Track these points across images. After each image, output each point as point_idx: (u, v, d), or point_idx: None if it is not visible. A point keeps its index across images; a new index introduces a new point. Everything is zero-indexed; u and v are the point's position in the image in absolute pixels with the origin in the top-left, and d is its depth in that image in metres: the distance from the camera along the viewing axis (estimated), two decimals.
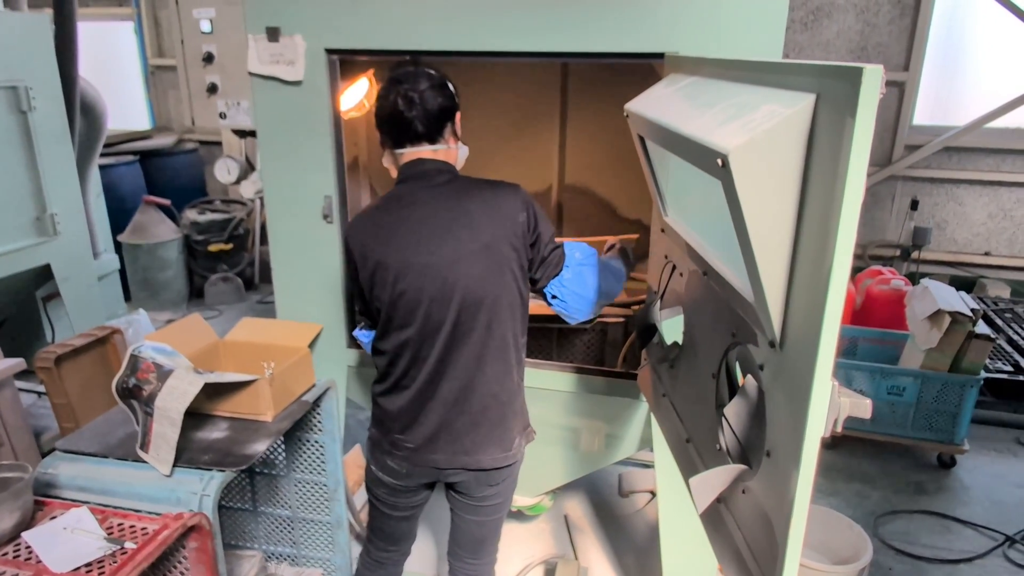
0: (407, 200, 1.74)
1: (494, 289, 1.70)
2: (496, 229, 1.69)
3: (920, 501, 3.31)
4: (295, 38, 2.13)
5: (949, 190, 5.40)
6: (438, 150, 1.77)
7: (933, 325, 3.41)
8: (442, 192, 1.73)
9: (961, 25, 5.23)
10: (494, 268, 1.69)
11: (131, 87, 6.92)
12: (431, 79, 1.73)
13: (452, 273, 1.68)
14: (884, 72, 0.84)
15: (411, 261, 1.69)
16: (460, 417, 1.78)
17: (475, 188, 1.75)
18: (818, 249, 0.94)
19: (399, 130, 1.74)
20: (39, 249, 3.46)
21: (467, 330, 1.72)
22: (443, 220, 1.70)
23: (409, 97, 1.69)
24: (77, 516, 1.67)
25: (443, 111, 1.74)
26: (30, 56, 3.32)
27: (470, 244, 1.68)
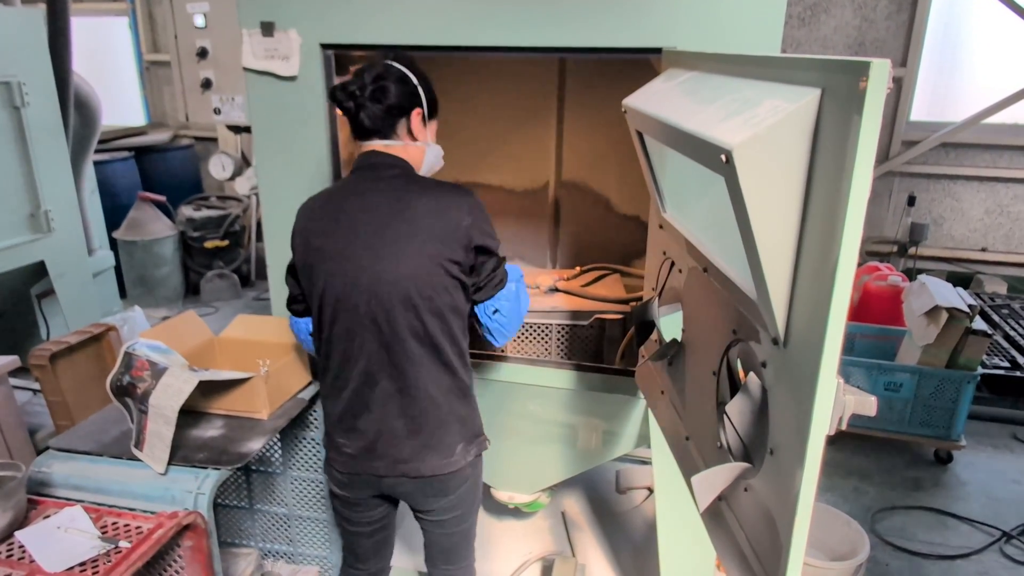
0: (352, 190, 1.69)
1: (429, 291, 1.62)
2: (436, 231, 1.62)
3: (917, 497, 3.32)
4: (289, 33, 2.11)
5: (946, 186, 5.40)
6: (391, 145, 1.71)
7: (930, 321, 3.41)
8: (388, 187, 1.67)
9: (958, 21, 5.22)
10: (430, 270, 1.61)
11: (126, 83, 6.88)
12: (387, 74, 1.67)
13: (387, 270, 1.61)
14: (891, 67, 0.83)
15: (346, 254, 1.63)
16: (397, 422, 1.70)
17: (424, 188, 1.68)
18: (824, 246, 0.93)
19: (352, 123, 1.71)
20: (33, 246, 3.44)
21: (401, 331, 1.64)
22: (383, 216, 1.63)
23: (349, 91, 1.66)
24: (71, 515, 1.65)
25: (392, 108, 1.67)
26: (23, 51, 3.29)
27: (407, 243, 1.61)
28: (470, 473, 1.81)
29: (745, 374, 1.32)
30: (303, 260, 1.70)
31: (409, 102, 1.69)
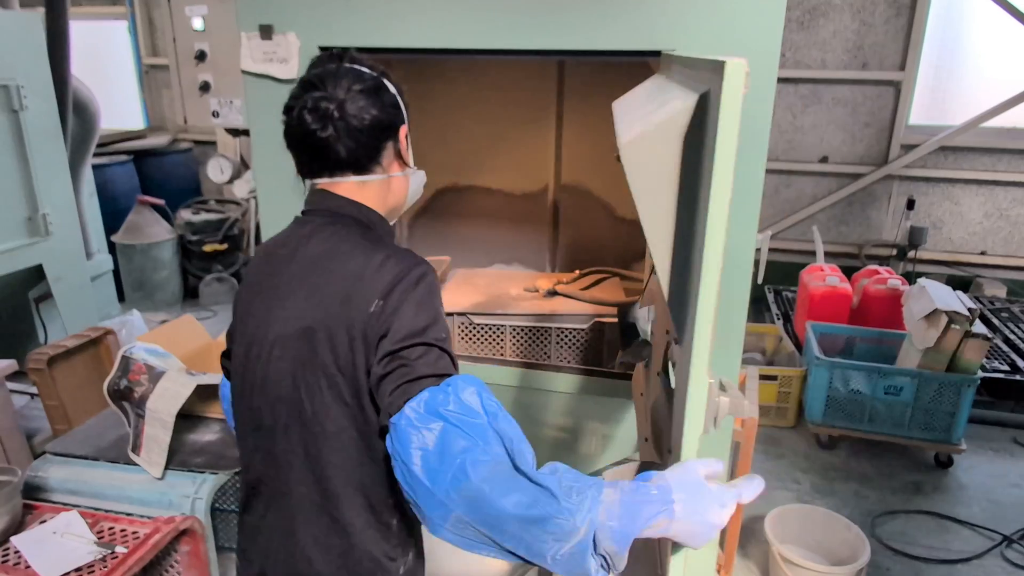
0: (284, 246, 1.26)
1: (310, 400, 1.15)
2: (327, 313, 1.13)
3: (917, 501, 3.31)
4: (288, 36, 2.11)
5: (945, 189, 5.40)
6: (367, 183, 1.26)
7: (930, 325, 3.40)
8: (315, 244, 1.22)
9: (957, 24, 5.23)
10: (307, 369, 1.15)
11: (125, 86, 6.88)
12: (361, 79, 1.23)
13: (267, 362, 1.20)
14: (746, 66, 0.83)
15: (246, 330, 1.26)
16: (290, 546, 1.22)
17: (355, 247, 1.20)
18: (690, 245, 0.94)
19: (312, 155, 1.24)
20: (31, 249, 3.43)
21: (280, 452, 1.21)
22: (291, 282, 1.21)
23: (322, 109, 1.19)
24: (67, 520, 1.65)
25: (378, 127, 1.23)
26: (22, 54, 3.29)
27: (294, 324, 1.17)
28: None
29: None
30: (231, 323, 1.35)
31: (395, 118, 1.27)
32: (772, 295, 5.30)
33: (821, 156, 5.57)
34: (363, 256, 1.17)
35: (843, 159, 5.53)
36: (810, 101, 5.46)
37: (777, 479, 3.45)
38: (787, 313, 4.98)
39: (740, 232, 1.95)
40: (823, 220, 5.60)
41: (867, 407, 3.57)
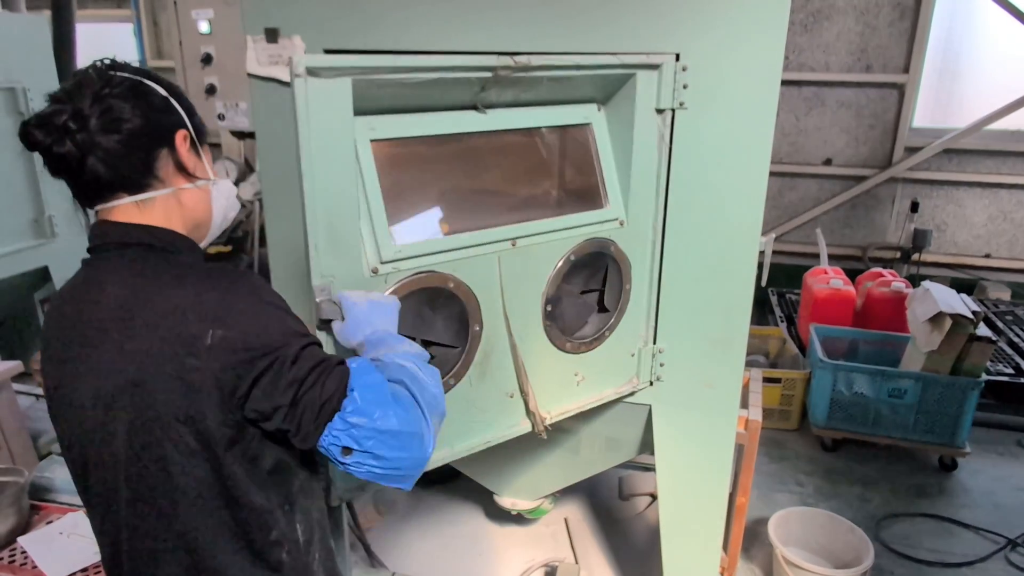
0: (80, 293, 1.09)
1: (155, 466, 1.02)
2: (155, 359, 0.99)
3: (921, 504, 3.30)
4: (294, 39, 2.11)
5: (949, 192, 5.40)
6: (150, 202, 1.09)
7: (934, 328, 3.40)
8: (122, 281, 1.05)
9: (961, 27, 5.23)
10: (143, 428, 1.01)
11: None
12: (110, 83, 1.05)
13: (105, 420, 1.03)
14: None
15: (67, 389, 1.07)
16: None
17: (167, 279, 1.04)
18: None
19: (73, 182, 1.08)
20: (37, 251, 3.45)
21: (139, 525, 1.06)
22: (97, 335, 1.03)
23: (62, 126, 1.00)
24: (74, 521, 1.65)
25: (140, 134, 1.06)
26: (28, 57, 3.31)
27: (119, 375, 1.01)
28: None
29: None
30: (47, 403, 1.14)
31: (163, 121, 1.10)
32: (776, 297, 5.30)
33: (825, 159, 5.56)
34: (176, 287, 1.02)
35: (847, 162, 5.53)
36: (814, 104, 5.46)
37: (781, 482, 3.45)
38: (791, 315, 4.98)
39: (744, 234, 1.96)
40: (827, 222, 5.59)
41: (871, 410, 3.57)
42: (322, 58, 1.44)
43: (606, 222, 1.96)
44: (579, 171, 2.04)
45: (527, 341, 1.85)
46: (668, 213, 1.98)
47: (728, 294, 2.01)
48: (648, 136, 1.95)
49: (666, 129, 1.92)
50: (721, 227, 1.96)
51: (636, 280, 2.07)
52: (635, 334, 2.13)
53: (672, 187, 1.96)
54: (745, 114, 1.86)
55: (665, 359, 2.12)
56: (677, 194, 1.96)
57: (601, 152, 2.01)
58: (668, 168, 1.95)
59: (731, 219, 1.94)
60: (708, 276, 2.00)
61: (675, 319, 2.07)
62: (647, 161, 1.97)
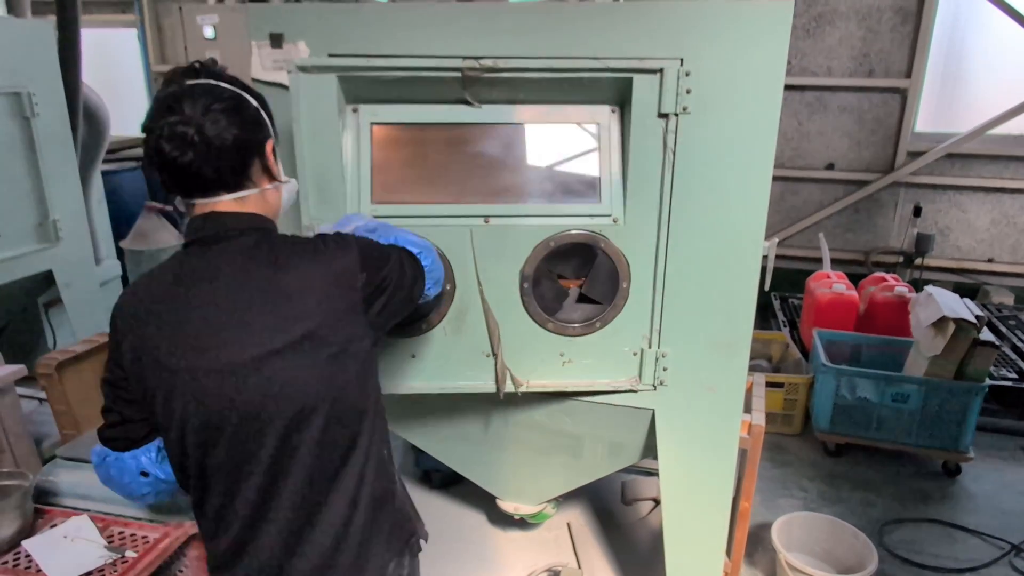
0: (201, 274, 1.24)
1: (328, 391, 1.25)
2: (326, 308, 1.24)
3: (925, 509, 3.29)
4: (299, 44, 2.12)
5: (952, 197, 5.40)
6: (246, 198, 1.28)
7: (937, 332, 3.40)
8: (248, 262, 1.24)
9: (963, 32, 5.24)
10: (325, 363, 1.24)
11: (134, 93, 6.94)
12: (218, 97, 1.22)
13: (269, 377, 1.21)
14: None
15: (205, 367, 1.20)
16: (306, 559, 1.29)
17: (293, 251, 1.27)
18: None
19: (179, 179, 1.23)
20: (41, 255, 3.46)
21: (296, 450, 1.25)
22: (248, 303, 1.21)
23: (180, 133, 1.18)
24: (78, 524, 1.66)
25: (242, 145, 1.24)
26: (33, 62, 3.32)
27: (287, 334, 1.21)
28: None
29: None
30: (140, 381, 1.25)
31: (259, 133, 1.29)
32: (778, 302, 5.30)
33: (827, 163, 5.57)
34: (306, 254, 1.27)
35: (849, 166, 5.53)
36: (816, 108, 5.47)
37: (784, 487, 3.44)
38: (793, 320, 4.98)
39: (747, 239, 1.96)
40: (829, 227, 5.59)
41: (874, 415, 3.56)
42: (311, 59, 1.92)
43: (597, 217, 2.03)
44: (578, 167, 2.10)
45: (505, 311, 2.06)
46: (671, 217, 1.98)
47: (732, 299, 2.01)
48: (649, 139, 1.96)
49: (669, 134, 1.92)
50: (725, 232, 1.96)
51: (636, 280, 2.08)
52: (636, 334, 2.13)
53: (675, 191, 1.96)
54: (748, 119, 1.86)
55: (668, 363, 2.12)
56: (680, 198, 1.96)
57: (607, 152, 2.04)
58: (672, 172, 1.95)
59: (735, 224, 1.95)
60: (712, 280, 2.01)
61: (679, 323, 2.08)
62: (648, 164, 1.98)
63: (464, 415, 2.39)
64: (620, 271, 2.07)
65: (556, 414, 2.34)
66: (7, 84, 3.20)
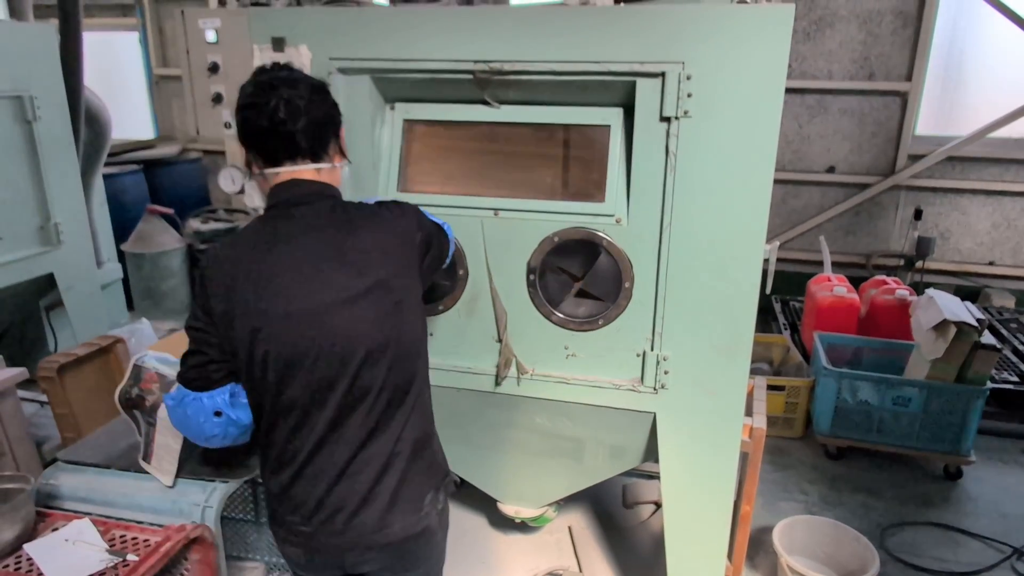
0: (284, 233, 1.44)
1: (394, 333, 1.46)
2: (392, 262, 1.47)
3: (927, 513, 3.29)
4: (300, 48, 2.13)
5: (953, 200, 5.40)
6: (321, 169, 1.50)
7: (939, 335, 3.39)
8: (325, 222, 1.45)
9: (963, 35, 5.24)
10: (392, 309, 1.45)
11: (135, 96, 6.95)
12: (313, 84, 1.49)
13: (342, 321, 1.41)
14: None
15: (290, 311, 1.40)
16: (358, 488, 1.48)
17: (361, 215, 1.50)
18: None
19: (276, 144, 1.45)
20: (42, 258, 3.46)
21: (364, 387, 1.45)
22: (327, 258, 1.42)
23: (294, 104, 1.42)
24: (79, 528, 1.66)
25: (329, 122, 1.51)
26: (35, 66, 3.33)
27: (360, 284, 1.42)
28: (437, 528, 1.63)
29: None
30: (228, 326, 1.43)
31: (338, 116, 1.55)
32: (779, 305, 5.29)
33: (828, 166, 5.57)
34: (374, 215, 1.51)
35: (850, 169, 5.53)
36: (816, 111, 5.47)
37: (785, 490, 3.44)
38: (794, 323, 4.97)
39: (748, 242, 1.96)
40: (830, 230, 5.59)
41: (875, 418, 3.56)
42: (349, 61, 2.11)
43: (600, 216, 2.09)
44: (585, 167, 2.16)
45: (513, 301, 2.20)
46: (673, 219, 1.99)
47: (733, 302, 2.01)
48: (651, 142, 1.96)
49: (671, 137, 1.93)
50: (726, 235, 1.96)
51: (639, 280, 2.09)
52: (639, 334, 2.14)
53: (676, 194, 1.97)
54: (749, 123, 1.87)
55: (670, 366, 2.12)
56: (681, 201, 1.97)
57: (613, 153, 2.07)
58: (674, 175, 1.96)
59: (736, 227, 1.95)
60: (713, 283, 2.01)
61: (680, 325, 2.08)
62: (650, 166, 1.99)
63: (466, 417, 2.40)
64: (623, 270, 2.09)
65: (557, 417, 2.34)
66: (9, 88, 3.20)
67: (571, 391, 2.26)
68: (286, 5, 2.26)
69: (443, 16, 2.06)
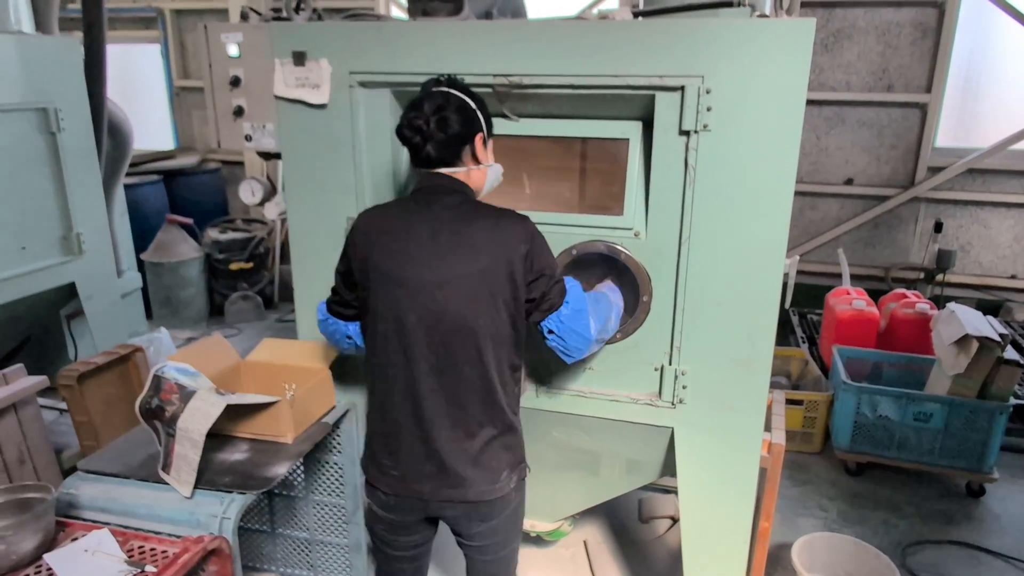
0: (416, 212, 1.73)
1: (485, 315, 1.67)
2: (495, 256, 1.66)
3: (949, 531, 3.23)
4: (321, 62, 2.15)
5: (973, 212, 5.34)
6: (456, 171, 1.75)
7: (960, 350, 3.35)
8: (450, 213, 1.71)
9: (983, 46, 5.20)
10: (486, 295, 1.66)
11: (156, 107, 7.05)
12: (448, 102, 1.70)
13: (443, 293, 1.65)
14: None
15: (406, 277, 1.67)
16: (446, 447, 1.72)
17: (482, 213, 1.72)
18: None
19: (415, 151, 1.74)
20: (64, 268, 3.50)
21: (456, 356, 1.68)
22: (444, 238, 1.68)
23: (416, 126, 1.69)
24: (98, 538, 1.66)
25: (456, 137, 1.71)
26: (60, 78, 3.38)
27: (466, 266, 1.65)
28: (514, 498, 1.83)
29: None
30: (363, 281, 1.74)
31: (471, 128, 1.74)
32: (797, 318, 5.25)
33: (846, 178, 5.53)
34: (492, 216, 1.71)
35: (868, 181, 5.49)
36: (834, 123, 5.44)
37: (804, 506, 3.40)
38: (812, 336, 4.93)
39: (768, 255, 1.95)
40: (848, 242, 5.55)
41: (896, 434, 3.51)
42: (370, 75, 2.14)
43: (618, 230, 2.09)
44: (603, 180, 2.15)
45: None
46: (692, 233, 1.98)
47: (752, 316, 2.00)
48: (670, 156, 1.96)
49: (690, 151, 1.92)
50: (745, 249, 1.95)
51: (657, 294, 2.08)
52: (657, 348, 2.13)
53: (695, 207, 1.96)
54: (769, 137, 1.86)
55: (688, 381, 2.11)
56: (700, 214, 1.96)
57: (632, 166, 2.06)
58: (693, 189, 1.95)
59: (755, 241, 1.94)
60: (732, 297, 2.00)
61: (699, 340, 2.07)
62: (669, 180, 1.98)
63: None
64: (641, 284, 2.08)
65: (574, 430, 2.33)
66: (34, 100, 3.25)
67: (588, 405, 2.25)
68: (307, 20, 2.28)
69: (462, 30, 2.07)
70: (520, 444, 1.86)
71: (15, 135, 3.19)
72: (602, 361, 2.20)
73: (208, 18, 6.59)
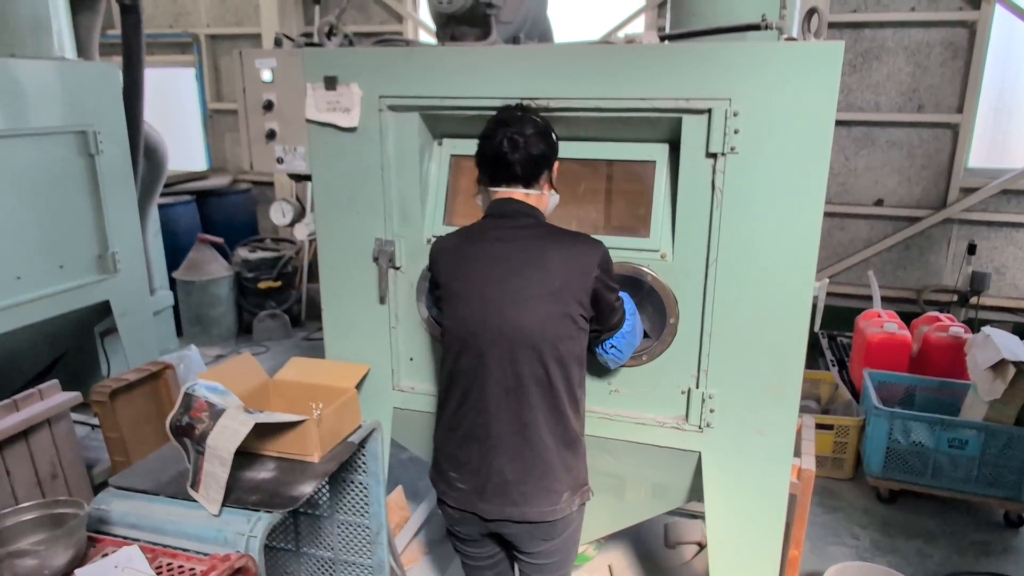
0: (490, 235, 1.80)
1: (555, 339, 1.72)
2: (568, 279, 1.72)
3: (986, 562, 3.13)
4: (351, 87, 2.19)
5: (1008, 234, 5.23)
6: (530, 194, 1.82)
7: (996, 375, 3.27)
8: (523, 236, 1.77)
9: (1016, 66, 5.12)
10: (558, 316, 1.72)
11: (190, 129, 7.22)
12: (536, 125, 1.79)
13: (517, 317, 1.71)
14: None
15: (480, 297, 1.75)
16: (510, 465, 1.77)
17: (557, 236, 1.79)
18: None
19: (498, 170, 1.80)
20: (100, 286, 3.58)
21: (524, 376, 1.73)
22: (518, 261, 1.74)
23: (514, 140, 1.75)
24: (128, 554, 1.68)
25: (542, 158, 1.79)
26: (100, 102, 3.48)
27: (539, 288, 1.72)
28: (574, 519, 1.87)
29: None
30: (446, 296, 1.84)
31: (552, 153, 1.83)
32: (826, 340, 5.16)
33: (876, 199, 5.46)
34: (567, 240, 1.78)
35: (899, 202, 5.42)
36: (863, 144, 5.39)
37: (835, 534, 3.32)
38: (842, 359, 4.84)
39: (796, 279, 1.93)
40: (879, 264, 5.46)
41: (930, 460, 3.42)
42: (399, 99, 2.20)
43: (645, 251, 2.08)
44: (630, 202, 2.15)
45: None
46: (719, 255, 1.97)
47: (781, 340, 1.97)
48: (697, 178, 1.96)
49: (717, 173, 1.92)
50: (773, 272, 1.94)
51: (684, 317, 2.07)
52: (684, 371, 2.11)
53: (722, 230, 1.95)
54: (798, 160, 1.85)
55: (716, 404, 2.09)
56: (727, 237, 1.95)
57: (658, 188, 2.06)
58: (720, 211, 1.94)
59: (784, 264, 1.92)
60: (761, 321, 1.98)
61: (727, 363, 2.05)
62: (696, 202, 1.98)
63: None
64: (667, 306, 2.07)
65: (600, 453, 2.31)
66: (75, 123, 3.36)
67: (614, 427, 2.23)
68: (339, 45, 2.33)
69: (490, 55, 2.10)
70: (583, 467, 1.88)
71: (55, 157, 3.29)
72: (628, 383, 2.18)
73: (241, 43, 6.76)
